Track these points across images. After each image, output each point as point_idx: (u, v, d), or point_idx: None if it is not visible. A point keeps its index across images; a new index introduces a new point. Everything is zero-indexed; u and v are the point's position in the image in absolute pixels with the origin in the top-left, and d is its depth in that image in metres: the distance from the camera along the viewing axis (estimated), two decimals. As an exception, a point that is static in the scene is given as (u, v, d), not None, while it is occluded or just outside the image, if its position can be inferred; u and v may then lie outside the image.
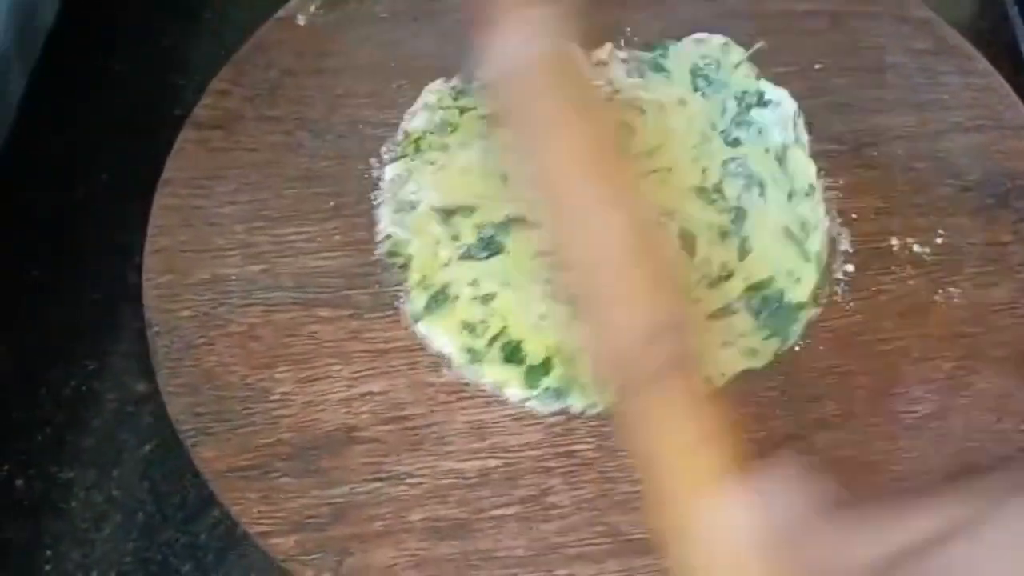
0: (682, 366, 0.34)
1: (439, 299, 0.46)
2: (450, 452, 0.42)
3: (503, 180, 0.48)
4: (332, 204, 0.48)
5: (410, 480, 0.41)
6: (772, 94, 0.52)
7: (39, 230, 0.52)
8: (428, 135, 0.51)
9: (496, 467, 0.42)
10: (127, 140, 0.55)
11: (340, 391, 0.43)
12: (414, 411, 0.43)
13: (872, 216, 0.49)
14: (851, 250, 0.48)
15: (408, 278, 0.46)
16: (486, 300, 0.45)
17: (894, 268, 0.48)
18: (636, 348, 0.34)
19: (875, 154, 0.51)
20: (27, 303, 0.50)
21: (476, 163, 0.49)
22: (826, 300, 0.47)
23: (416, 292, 0.46)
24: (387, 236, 0.48)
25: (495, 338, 0.44)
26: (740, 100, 0.51)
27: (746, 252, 0.46)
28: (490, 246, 0.47)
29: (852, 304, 0.47)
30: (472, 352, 0.44)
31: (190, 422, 0.42)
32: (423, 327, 0.45)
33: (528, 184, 0.39)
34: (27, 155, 0.54)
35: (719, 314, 0.45)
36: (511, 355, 0.44)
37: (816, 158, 0.51)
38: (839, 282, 0.47)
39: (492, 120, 0.42)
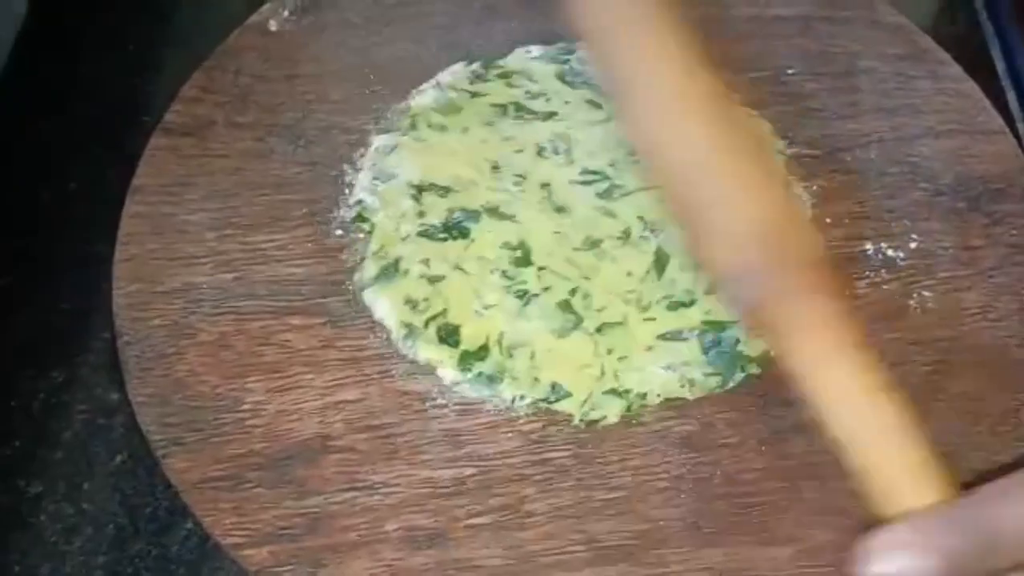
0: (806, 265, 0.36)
1: (390, 271, 0.46)
2: (425, 461, 0.42)
3: (492, 168, 0.49)
4: (304, 211, 0.48)
5: (385, 489, 0.41)
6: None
7: (6, 239, 0.51)
8: (430, 112, 0.51)
9: (472, 475, 0.42)
10: (95, 148, 0.54)
11: (313, 400, 0.43)
12: (389, 420, 0.43)
13: (846, 221, 0.49)
14: (825, 255, 0.48)
15: (368, 248, 0.47)
16: (433, 281, 0.46)
17: (868, 273, 0.48)
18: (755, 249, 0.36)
19: (848, 159, 0.51)
20: (-6, 313, 0.49)
21: (468, 148, 0.49)
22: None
23: (371, 261, 0.46)
24: (358, 201, 0.48)
25: (434, 318, 0.45)
26: None
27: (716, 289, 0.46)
28: (453, 230, 0.47)
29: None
30: (409, 328, 0.44)
31: (160, 433, 0.42)
32: (369, 295, 0.45)
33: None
34: (-7, 162, 0.53)
35: (669, 336, 0.45)
36: (447, 336, 0.44)
37: (790, 164, 0.51)
38: (814, 287, 0.47)
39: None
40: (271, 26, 0.54)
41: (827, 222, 0.49)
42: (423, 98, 0.51)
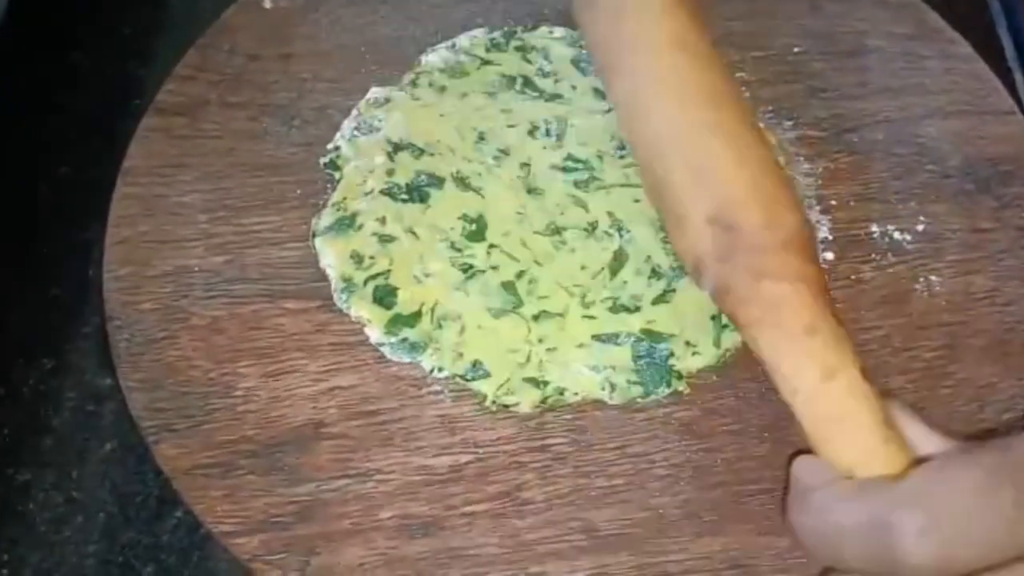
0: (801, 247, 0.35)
1: (345, 223, 0.45)
2: (421, 448, 0.41)
3: (477, 138, 0.48)
4: (299, 192, 0.47)
5: (379, 477, 0.40)
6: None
7: (-3, 225, 0.51)
8: (435, 71, 0.50)
9: (468, 463, 0.41)
10: (88, 133, 0.53)
11: (307, 386, 0.42)
12: (383, 406, 0.42)
13: (852, 203, 0.48)
14: (830, 237, 0.47)
15: (331, 196, 0.47)
16: (384, 240, 0.45)
17: (874, 256, 0.47)
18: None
19: (855, 140, 0.50)
20: (-17, 299, 0.48)
21: (460, 114, 0.49)
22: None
23: (329, 210, 0.46)
24: (336, 147, 0.48)
25: (374, 277, 0.44)
26: None
27: (664, 301, 0.44)
28: (415, 192, 0.46)
29: (831, 293, 0.46)
30: (348, 282, 0.44)
31: (151, 419, 0.41)
32: (318, 242, 0.45)
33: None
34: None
35: (604, 338, 0.43)
36: (382, 298, 0.44)
37: (795, 144, 0.50)
38: (819, 270, 0.46)
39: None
40: (266, 4, 0.53)
41: (832, 204, 0.48)
42: (434, 56, 0.51)
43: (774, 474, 0.40)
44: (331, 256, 0.45)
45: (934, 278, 0.46)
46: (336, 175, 0.47)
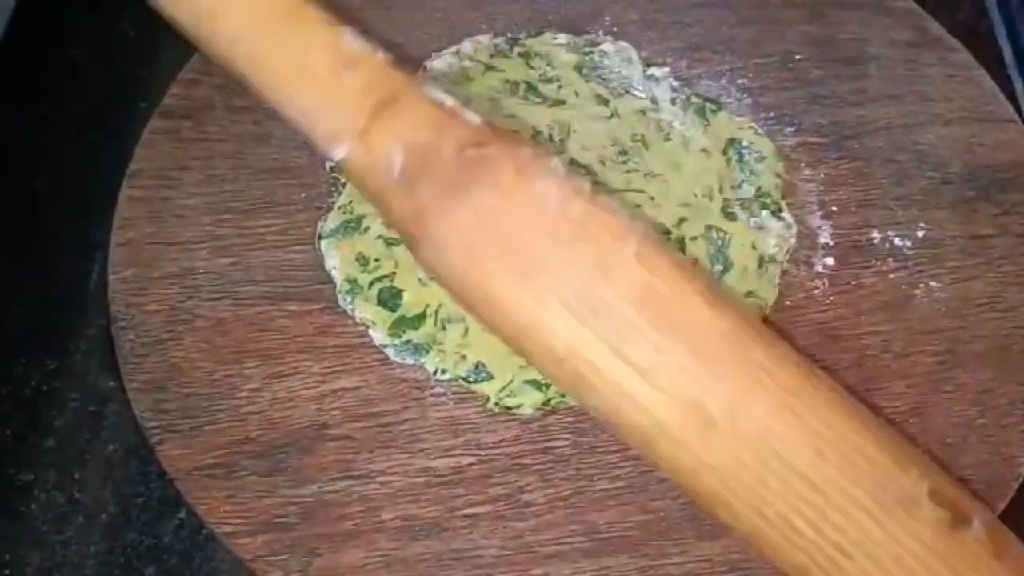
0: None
1: (351, 226, 0.46)
2: (423, 449, 0.41)
3: None
4: (303, 196, 0.47)
5: (382, 478, 0.40)
6: (786, 214, 0.48)
7: (0, 225, 0.51)
8: (440, 78, 0.50)
9: (470, 464, 0.41)
10: (90, 134, 0.54)
11: (310, 387, 0.42)
12: (386, 408, 0.42)
13: (853, 209, 0.48)
14: (831, 243, 0.47)
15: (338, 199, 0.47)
16: (390, 243, 0.45)
17: (874, 261, 0.47)
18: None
19: (856, 146, 0.50)
20: (-13, 299, 0.48)
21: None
22: (804, 294, 0.46)
23: (336, 213, 0.46)
24: None
25: (380, 279, 0.44)
26: (761, 198, 0.48)
27: None
28: None
29: (832, 298, 0.46)
30: (353, 284, 0.44)
31: (155, 419, 0.41)
32: (324, 245, 0.45)
33: None
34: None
35: None
36: (387, 300, 0.44)
37: (797, 150, 0.50)
38: (819, 276, 0.47)
39: None
40: (270, 9, 0.53)
41: (833, 210, 0.48)
42: (438, 63, 0.51)
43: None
44: (336, 258, 0.45)
45: (934, 284, 0.47)
46: (342, 178, 0.47)
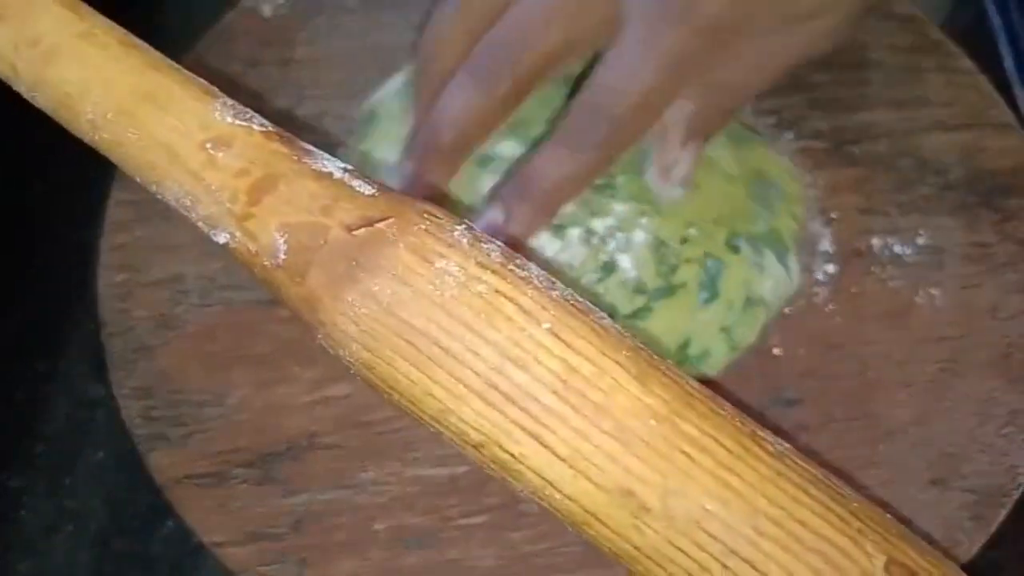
0: None
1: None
2: (417, 458, 0.41)
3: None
4: (296, 200, 0.47)
5: (374, 488, 0.40)
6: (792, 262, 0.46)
7: (-9, 228, 0.50)
8: None
9: (465, 474, 0.40)
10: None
11: (302, 395, 0.42)
12: (379, 416, 0.41)
13: (853, 215, 0.48)
14: (831, 250, 0.47)
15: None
16: None
17: (875, 269, 0.46)
18: None
19: (856, 152, 0.50)
20: (-24, 304, 0.48)
21: None
22: (804, 302, 0.46)
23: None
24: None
25: None
26: (772, 238, 0.46)
27: (637, 319, 0.42)
28: None
29: (832, 306, 0.46)
30: None
31: (144, 427, 0.40)
32: None
33: None
34: (-21, 150, 0.52)
35: None
36: None
37: (796, 156, 0.49)
38: (819, 283, 0.46)
39: None
40: (264, 11, 0.53)
41: (833, 217, 0.48)
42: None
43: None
44: None
45: (935, 291, 0.46)
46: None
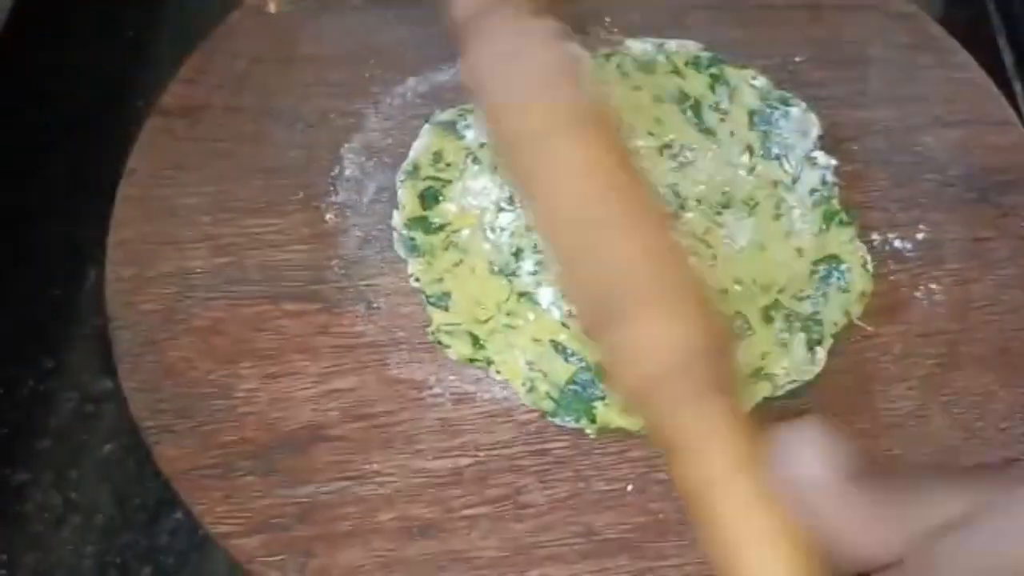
0: (722, 390, 0.30)
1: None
2: (420, 450, 0.41)
3: None
4: (301, 195, 0.47)
5: (379, 479, 0.40)
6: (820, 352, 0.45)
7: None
8: (628, 57, 0.51)
9: (468, 466, 0.41)
10: (87, 134, 0.53)
11: (307, 388, 0.42)
12: (383, 408, 0.42)
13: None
14: (831, 245, 0.47)
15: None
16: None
17: (874, 263, 0.47)
18: (670, 375, 0.30)
19: (855, 148, 0.50)
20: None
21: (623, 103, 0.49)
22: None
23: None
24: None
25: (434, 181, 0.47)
26: (811, 323, 0.45)
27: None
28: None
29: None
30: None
31: (151, 419, 0.41)
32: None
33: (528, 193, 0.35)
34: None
35: (559, 347, 0.43)
36: (427, 198, 0.46)
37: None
38: (819, 278, 0.46)
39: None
40: (270, 8, 0.53)
41: (833, 212, 0.48)
42: (635, 44, 0.51)
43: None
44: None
45: (934, 286, 0.46)
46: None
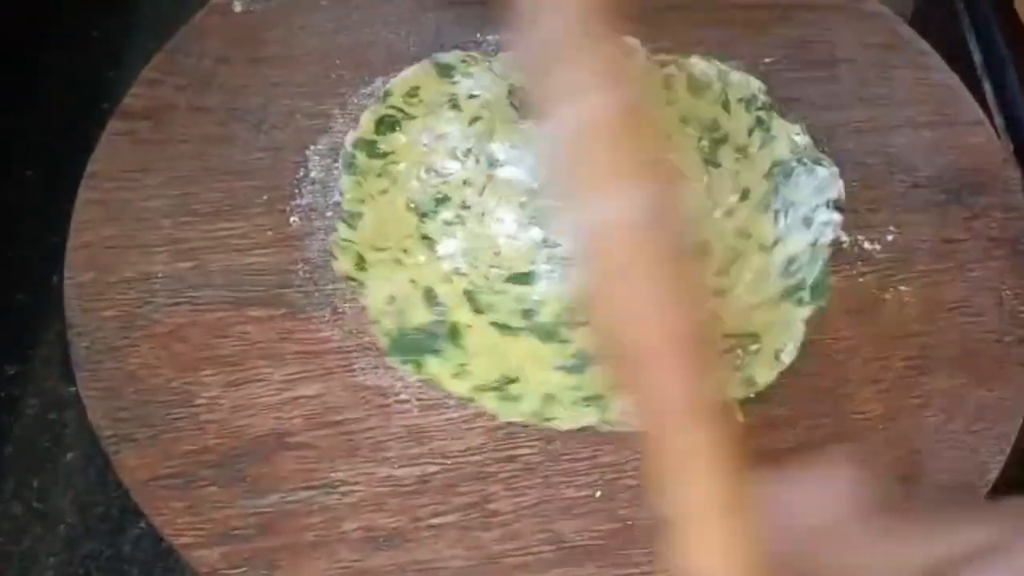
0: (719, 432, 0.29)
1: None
2: (387, 458, 0.40)
3: None
4: (265, 198, 0.46)
5: (344, 488, 0.40)
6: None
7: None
8: None
9: (435, 473, 0.40)
10: (55, 136, 0.53)
11: (271, 395, 0.41)
12: (350, 415, 0.41)
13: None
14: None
15: None
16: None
17: (844, 266, 0.47)
18: (679, 420, 0.29)
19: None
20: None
21: None
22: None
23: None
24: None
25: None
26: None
27: None
28: None
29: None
30: None
31: (111, 428, 0.40)
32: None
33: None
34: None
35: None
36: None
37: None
38: (789, 280, 0.46)
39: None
40: (236, 7, 0.53)
41: (803, 214, 0.48)
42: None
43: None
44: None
45: (904, 288, 0.46)
46: None
